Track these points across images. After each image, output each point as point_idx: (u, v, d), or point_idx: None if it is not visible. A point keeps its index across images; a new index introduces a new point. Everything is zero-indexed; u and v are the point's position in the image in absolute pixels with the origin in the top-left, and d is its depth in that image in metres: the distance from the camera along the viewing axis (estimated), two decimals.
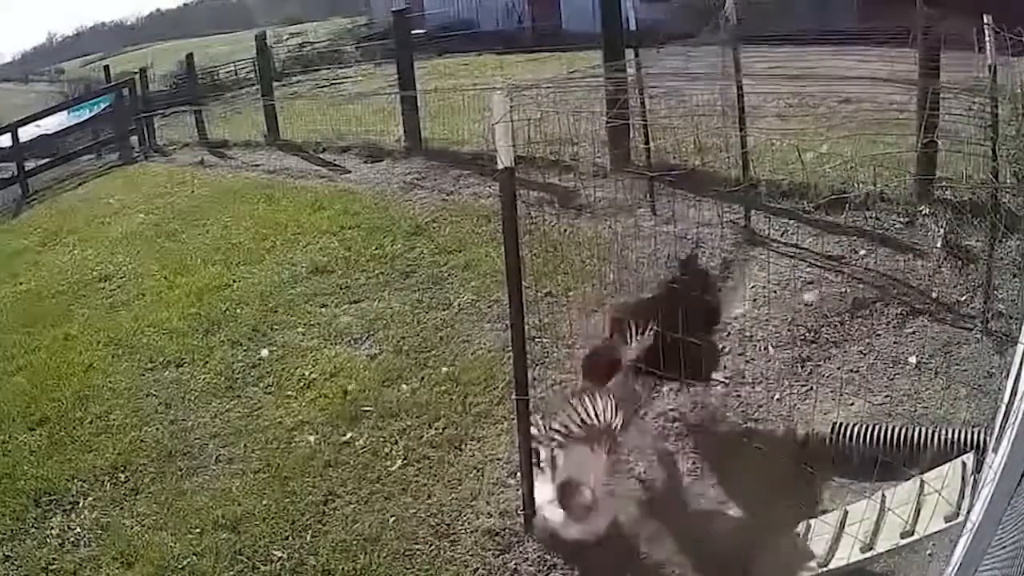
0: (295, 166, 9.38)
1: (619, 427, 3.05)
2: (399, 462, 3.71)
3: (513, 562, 3.08)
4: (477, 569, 3.08)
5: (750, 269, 4.97)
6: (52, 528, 3.61)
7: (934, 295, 4.36)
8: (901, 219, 5.19)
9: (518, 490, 3.28)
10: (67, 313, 6.13)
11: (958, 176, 5.11)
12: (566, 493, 2.95)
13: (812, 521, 2.87)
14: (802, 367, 3.95)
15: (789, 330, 4.23)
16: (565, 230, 5.59)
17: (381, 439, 3.88)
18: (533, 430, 3.11)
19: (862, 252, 4.92)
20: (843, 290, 4.51)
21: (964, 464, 2.56)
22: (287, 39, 24.79)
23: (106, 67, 17.26)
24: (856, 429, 3.25)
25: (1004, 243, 4.30)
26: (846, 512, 2.79)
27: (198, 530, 3.44)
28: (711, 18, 5.81)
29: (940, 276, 4.53)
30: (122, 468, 3.97)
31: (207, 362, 4.90)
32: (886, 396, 3.61)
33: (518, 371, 3.11)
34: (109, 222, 8.56)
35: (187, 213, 8.15)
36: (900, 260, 4.76)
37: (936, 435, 3.10)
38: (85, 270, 7.09)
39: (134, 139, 12.85)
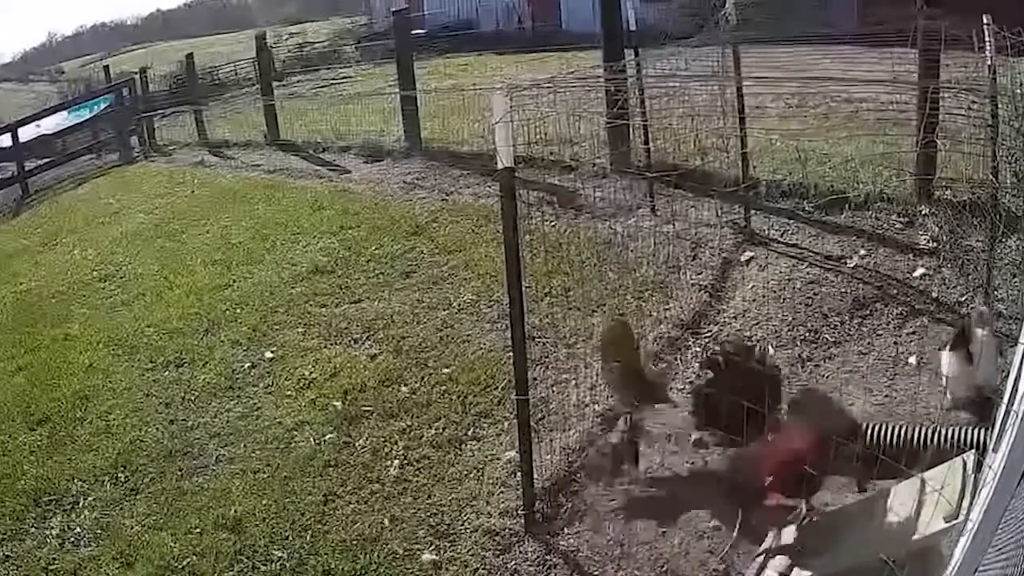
0: (295, 166, 9.38)
1: None
2: (399, 462, 3.71)
3: (513, 562, 3.08)
4: (477, 569, 3.08)
5: (750, 269, 4.97)
6: (52, 528, 3.61)
7: (934, 295, 4.36)
8: (901, 219, 5.19)
9: (518, 490, 3.28)
10: (67, 313, 6.14)
11: (958, 176, 5.10)
12: None
13: (813, 520, 2.87)
14: (802, 367, 3.95)
15: (789, 330, 4.23)
16: (565, 230, 5.59)
17: (381, 439, 3.88)
18: None
19: (862, 252, 4.92)
20: (843, 290, 4.51)
21: (964, 464, 2.56)
22: (287, 39, 24.86)
23: (106, 67, 17.32)
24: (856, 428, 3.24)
25: (1004, 243, 4.30)
26: (846, 511, 2.79)
27: (198, 530, 3.44)
28: (711, 18, 5.81)
29: (940, 276, 4.53)
30: (122, 468, 3.97)
31: (207, 362, 4.90)
32: (886, 396, 3.61)
33: (518, 371, 3.11)
34: (109, 222, 8.57)
35: (187, 213, 8.16)
36: (900, 260, 4.76)
37: (936, 435, 3.10)
38: (85, 270, 7.09)
39: (134, 139, 12.87)
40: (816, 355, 4.03)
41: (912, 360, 3.79)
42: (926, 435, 3.12)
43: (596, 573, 2.98)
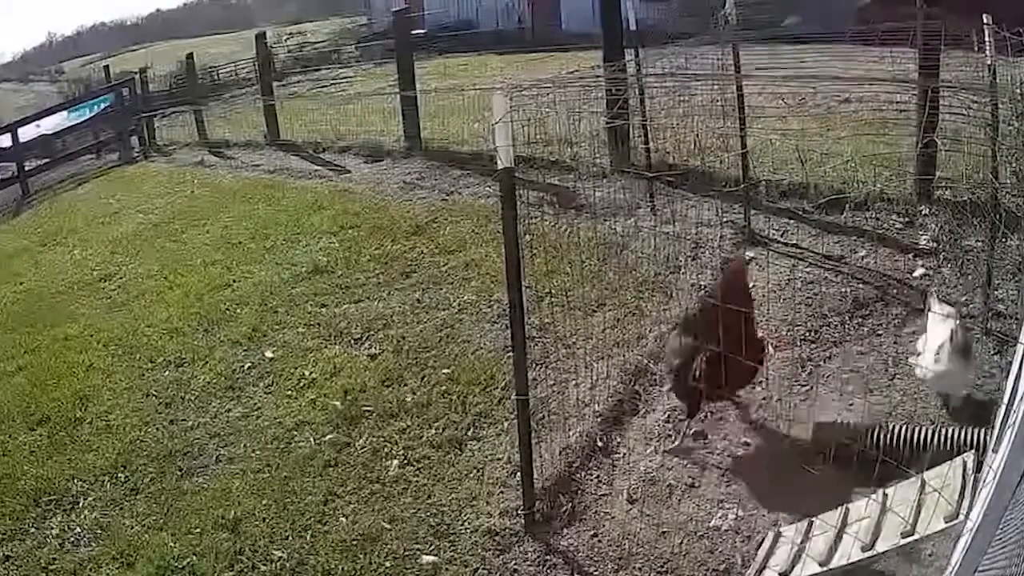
0: (295, 166, 9.38)
1: None
2: (399, 462, 3.71)
3: (513, 562, 3.08)
4: (477, 569, 3.08)
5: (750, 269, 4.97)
6: (52, 528, 3.61)
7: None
8: (901, 219, 5.19)
9: (518, 490, 3.28)
10: (67, 313, 6.14)
11: (958, 176, 5.11)
12: None
13: (813, 519, 2.87)
14: (802, 367, 3.95)
15: (789, 330, 4.23)
16: (565, 230, 5.59)
17: (381, 439, 3.88)
18: None
19: (862, 252, 4.92)
20: (843, 290, 4.52)
21: (964, 464, 2.56)
22: (287, 39, 24.84)
23: (106, 67, 17.32)
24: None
25: (1004, 243, 4.30)
26: (847, 511, 2.79)
27: (198, 530, 3.44)
28: (711, 18, 5.81)
29: (940, 275, 4.53)
30: (122, 468, 3.97)
31: (207, 362, 4.90)
32: (886, 396, 3.61)
33: (518, 371, 3.11)
34: (109, 222, 8.57)
35: (187, 213, 8.16)
36: (900, 260, 4.76)
37: (936, 435, 3.10)
38: (85, 270, 7.09)
39: (134, 139, 12.87)
40: (816, 355, 4.03)
41: (912, 360, 3.78)
42: (926, 435, 3.12)
43: (596, 573, 2.98)
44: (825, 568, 2.59)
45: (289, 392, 4.44)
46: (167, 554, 3.31)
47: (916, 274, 4.59)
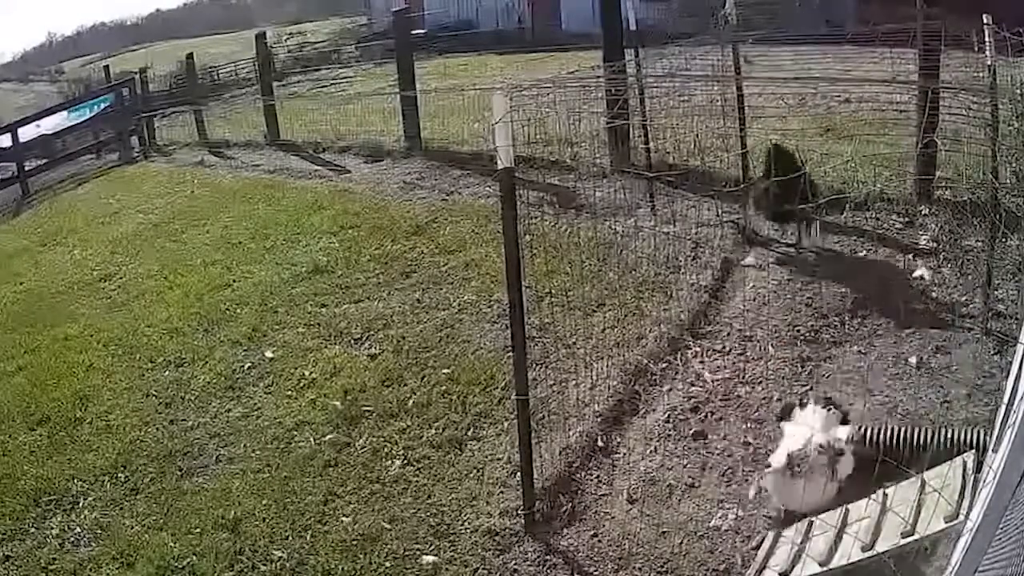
0: (295, 166, 9.38)
1: None
2: (399, 462, 3.71)
3: (513, 562, 3.08)
4: (477, 569, 3.08)
5: (750, 269, 4.97)
6: (52, 528, 3.61)
7: (934, 295, 4.36)
8: (901, 219, 5.19)
9: (518, 490, 3.28)
10: (67, 313, 6.14)
11: (958, 176, 5.11)
12: None
13: (813, 519, 2.87)
14: (802, 367, 3.95)
15: (789, 330, 4.23)
16: (565, 230, 5.59)
17: (381, 439, 3.88)
18: None
19: (862, 252, 4.92)
20: (843, 290, 4.51)
21: (964, 464, 2.56)
22: (287, 39, 24.83)
23: (106, 67, 17.32)
24: (856, 428, 3.24)
25: (1004, 243, 4.30)
26: (847, 511, 2.80)
27: (198, 530, 3.44)
28: (711, 18, 5.82)
29: (940, 275, 4.53)
30: (122, 468, 3.97)
31: (207, 362, 4.90)
32: (886, 396, 3.60)
33: (518, 371, 3.11)
34: (109, 222, 8.57)
35: (187, 213, 8.16)
36: (900, 260, 4.76)
37: (936, 435, 3.10)
38: (85, 270, 7.09)
39: (134, 139, 12.86)
40: (816, 355, 4.02)
41: (912, 360, 3.78)
42: (926, 435, 3.12)
43: (596, 573, 2.98)
44: (825, 568, 2.59)
45: (289, 392, 4.44)
46: (167, 554, 3.31)
47: (916, 274, 4.59)
